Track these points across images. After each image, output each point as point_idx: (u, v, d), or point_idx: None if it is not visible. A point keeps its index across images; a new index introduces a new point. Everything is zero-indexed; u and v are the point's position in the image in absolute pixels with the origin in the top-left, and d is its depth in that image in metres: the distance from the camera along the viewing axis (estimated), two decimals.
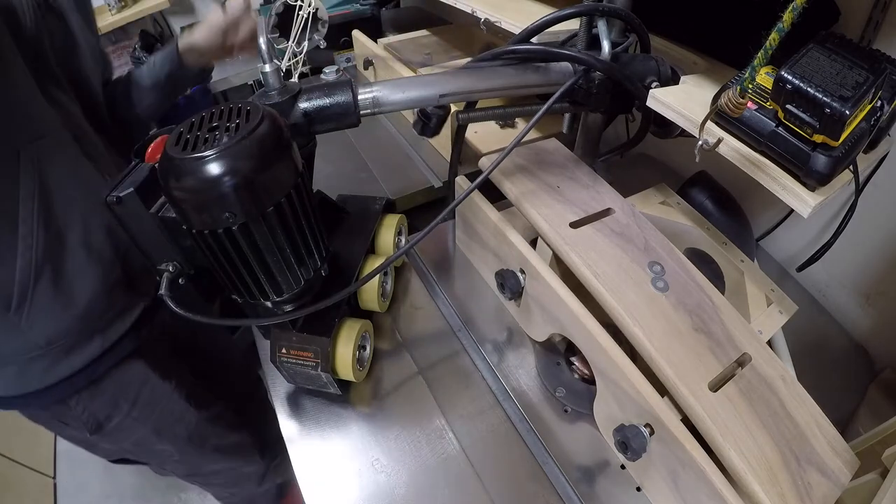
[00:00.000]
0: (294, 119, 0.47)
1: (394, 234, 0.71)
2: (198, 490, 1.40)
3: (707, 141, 0.46)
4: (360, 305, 0.66)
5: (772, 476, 0.41)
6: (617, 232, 0.58)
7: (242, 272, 0.44)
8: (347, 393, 0.60)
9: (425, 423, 0.58)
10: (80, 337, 0.64)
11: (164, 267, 0.46)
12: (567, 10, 0.55)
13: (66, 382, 0.65)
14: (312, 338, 0.54)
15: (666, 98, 0.53)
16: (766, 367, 0.49)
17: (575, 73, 0.56)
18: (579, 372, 0.61)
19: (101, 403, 0.70)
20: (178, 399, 0.80)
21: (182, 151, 0.38)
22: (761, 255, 0.85)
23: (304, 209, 0.45)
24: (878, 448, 0.47)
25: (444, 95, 0.52)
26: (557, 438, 0.56)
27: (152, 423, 0.77)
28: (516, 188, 0.62)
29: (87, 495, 1.41)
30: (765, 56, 0.35)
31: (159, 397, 0.77)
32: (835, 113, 0.40)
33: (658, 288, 0.52)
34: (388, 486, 0.52)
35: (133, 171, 0.44)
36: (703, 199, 0.74)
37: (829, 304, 0.79)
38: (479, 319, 0.68)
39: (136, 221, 0.43)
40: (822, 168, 0.43)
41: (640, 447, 0.47)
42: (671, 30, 0.69)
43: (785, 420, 0.46)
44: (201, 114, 0.42)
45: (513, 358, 0.64)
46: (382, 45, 1.15)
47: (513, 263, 0.62)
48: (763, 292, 0.63)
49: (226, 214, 0.39)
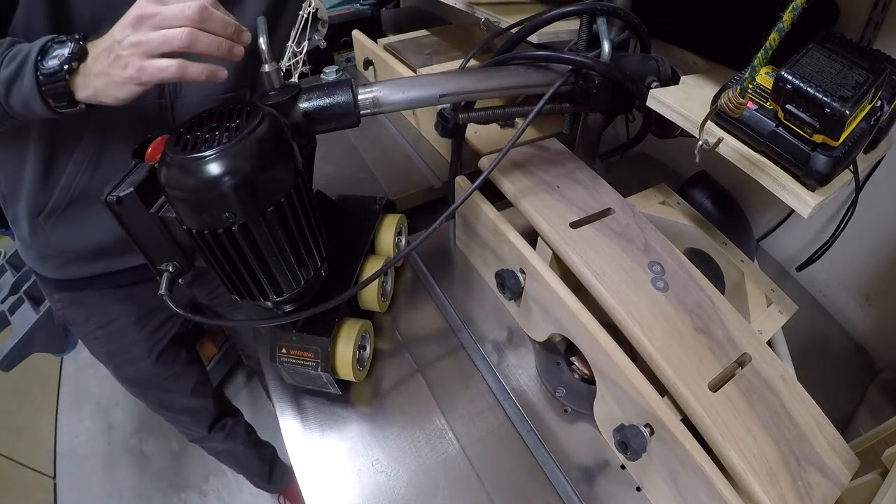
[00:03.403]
0: (294, 119, 0.47)
1: (394, 234, 0.71)
2: (198, 490, 1.40)
3: (707, 141, 0.46)
4: (360, 305, 0.66)
5: (772, 476, 0.41)
6: (617, 232, 0.58)
7: (242, 272, 0.44)
8: (347, 393, 0.60)
9: (425, 423, 0.58)
10: (90, 258, 0.70)
11: (164, 267, 0.46)
12: (566, 8, 0.55)
13: (62, 282, 0.73)
14: (312, 338, 0.54)
15: (666, 98, 0.53)
16: (766, 367, 0.49)
17: (569, 73, 0.56)
18: (579, 372, 0.61)
19: (74, 311, 0.78)
20: (142, 348, 0.83)
21: (182, 151, 0.38)
22: (761, 255, 0.85)
23: (304, 209, 0.45)
24: (878, 448, 0.47)
25: (444, 95, 0.52)
26: (557, 438, 0.56)
27: (108, 349, 0.83)
28: (516, 188, 0.62)
29: (87, 495, 1.41)
30: (765, 56, 0.35)
31: (124, 335, 0.81)
32: (835, 113, 0.40)
33: (658, 288, 0.52)
34: (388, 486, 0.52)
35: (133, 171, 0.44)
36: (703, 199, 0.74)
37: (829, 304, 0.79)
38: (478, 319, 0.68)
39: (136, 221, 0.43)
40: (822, 168, 0.43)
41: (640, 447, 0.47)
42: (671, 32, 0.69)
43: (785, 420, 0.46)
44: (201, 114, 0.42)
45: (513, 358, 0.64)
46: (382, 45, 1.15)
47: (513, 263, 0.62)
48: (763, 292, 0.63)
49: (226, 214, 0.39)
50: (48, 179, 0.60)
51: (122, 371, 0.86)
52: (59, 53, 0.42)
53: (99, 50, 0.43)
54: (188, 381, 0.95)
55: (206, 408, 1.01)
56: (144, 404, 0.95)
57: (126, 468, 1.46)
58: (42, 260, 0.70)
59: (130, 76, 0.42)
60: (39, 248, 0.68)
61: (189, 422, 1.01)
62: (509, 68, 0.57)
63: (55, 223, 0.64)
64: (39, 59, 0.42)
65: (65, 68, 0.42)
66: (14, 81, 0.43)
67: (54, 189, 0.61)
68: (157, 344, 0.85)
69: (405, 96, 0.50)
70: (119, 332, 0.81)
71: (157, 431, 1.54)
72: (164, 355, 0.86)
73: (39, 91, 0.43)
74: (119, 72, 0.42)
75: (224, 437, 1.08)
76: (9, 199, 0.65)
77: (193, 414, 1.00)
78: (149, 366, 0.85)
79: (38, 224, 0.64)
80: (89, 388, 1.67)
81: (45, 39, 0.43)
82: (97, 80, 0.43)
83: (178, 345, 0.90)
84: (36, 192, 0.61)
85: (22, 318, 1.05)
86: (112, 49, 0.42)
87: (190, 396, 0.96)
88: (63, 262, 0.70)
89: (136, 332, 0.81)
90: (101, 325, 0.79)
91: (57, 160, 0.59)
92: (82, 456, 1.50)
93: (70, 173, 0.60)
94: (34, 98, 0.43)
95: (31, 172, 0.60)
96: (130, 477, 1.44)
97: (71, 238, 0.66)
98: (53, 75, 0.42)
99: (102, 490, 1.42)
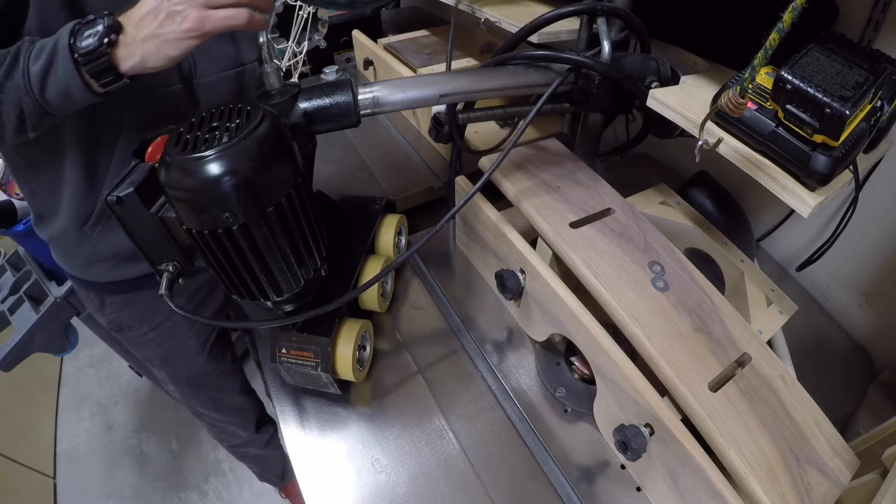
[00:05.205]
0: (294, 119, 0.47)
1: (394, 234, 0.71)
2: (198, 490, 1.40)
3: (707, 141, 0.46)
4: (360, 305, 0.66)
5: (772, 476, 0.41)
6: (617, 232, 0.58)
7: (242, 272, 0.44)
8: (347, 393, 0.60)
9: (425, 423, 0.58)
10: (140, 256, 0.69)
11: (164, 267, 0.46)
12: (566, 8, 0.55)
13: (114, 285, 0.72)
14: (312, 338, 0.54)
15: (666, 98, 0.53)
16: (766, 367, 0.49)
17: (568, 72, 0.56)
18: (579, 372, 0.61)
19: (127, 314, 0.77)
20: (194, 343, 0.84)
21: (182, 151, 0.38)
22: (761, 255, 0.85)
23: (304, 209, 0.45)
24: (878, 448, 0.47)
25: (444, 95, 0.52)
26: (557, 438, 0.56)
27: (162, 350, 0.82)
28: (516, 188, 0.62)
29: (87, 495, 1.41)
30: (765, 56, 0.35)
31: (178, 334, 0.81)
32: (835, 113, 0.40)
33: (658, 288, 0.52)
34: (388, 486, 0.52)
35: (133, 171, 0.44)
36: (703, 199, 0.74)
37: (829, 304, 0.79)
38: (479, 319, 0.68)
39: (136, 221, 0.43)
40: (822, 168, 0.43)
41: (640, 447, 0.47)
42: (671, 32, 0.69)
43: (785, 420, 0.46)
44: (201, 113, 0.42)
45: (513, 358, 0.64)
46: (382, 45, 1.15)
47: (513, 263, 0.62)
48: (763, 292, 0.63)
49: (226, 215, 0.39)
50: (91, 189, 0.60)
51: (177, 372, 0.86)
52: (92, 31, 0.42)
53: (140, 15, 0.42)
54: (237, 378, 0.96)
55: (253, 406, 1.03)
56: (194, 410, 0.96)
57: (126, 468, 1.46)
58: (90, 266, 0.70)
59: (189, 28, 0.41)
60: (86, 255, 0.68)
61: (238, 421, 1.01)
62: (509, 68, 0.57)
63: (102, 230, 0.64)
64: (73, 42, 0.42)
65: (104, 41, 0.41)
66: (48, 72, 0.42)
67: (97, 198, 0.61)
68: (208, 340, 0.86)
69: (405, 96, 0.50)
70: (172, 331, 0.81)
71: (157, 431, 1.54)
72: (214, 351, 0.87)
73: (79, 73, 0.42)
74: (174, 27, 0.41)
75: (265, 443, 1.09)
76: (46, 218, 0.65)
77: (242, 413, 1.01)
78: (202, 363, 0.86)
79: (85, 234, 0.64)
80: (89, 388, 1.67)
81: (71, 24, 0.42)
82: (145, 45, 0.42)
83: (224, 342, 0.91)
84: (79, 204, 0.61)
85: (22, 318, 1.05)
86: (160, 8, 0.42)
87: (239, 394, 0.97)
88: (113, 265, 0.69)
89: (188, 329, 0.82)
90: (154, 327, 0.79)
91: (97, 168, 0.59)
92: (82, 456, 1.50)
93: (112, 176, 0.60)
94: (74, 82, 0.42)
95: (73, 186, 0.60)
96: (130, 477, 1.44)
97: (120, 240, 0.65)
98: (93, 52, 0.41)
99: (102, 490, 1.42)
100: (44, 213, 0.65)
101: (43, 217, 0.65)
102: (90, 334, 1.21)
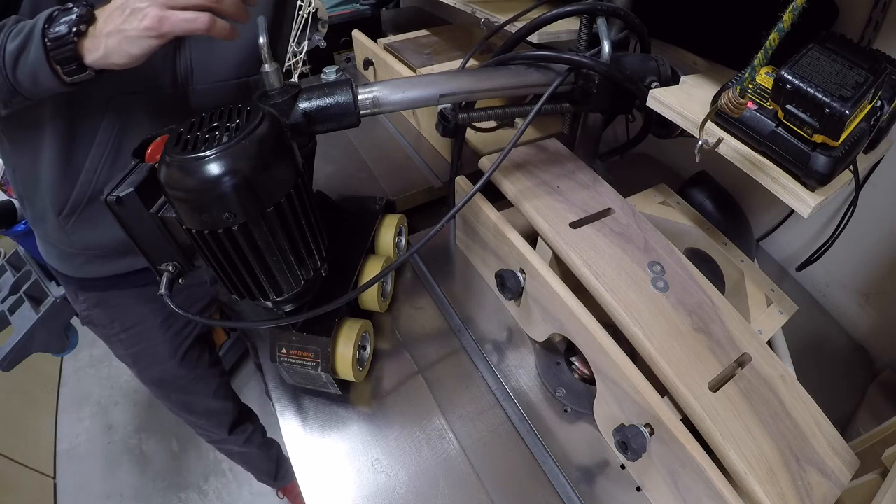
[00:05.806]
0: (294, 119, 0.47)
1: (394, 234, 0.71)
2: (198, 490, 1.40)
3: (707, 141, 0.46)
4: (360, 305, 0.66)
5: (772, 476, 0.41)
6: (617, 232, 0.58)
7: (242, 272, 0.44)
8: (347, 393, 0.60)
9: (425, 423, 0.58)
10: (112, 255, 0.69)
11: (164, 267, 0.46)
12: (566, 8, 0.55)
13: (86, 281, 0.72)
14: (312, 338, 0.54)
15: (666, 98, 0.53)
16: (766, 367, 0.49)
17: (568, 72, 0.56)
18: (579, 372, 0.61)
19: (98, 313, 0.77)
20: (167, 348, 0.82)
21: (182, 151, 0.38)
22: (761, 255, 0.85)
23: (304, 209, 0.45)
24: (878, 448, 0.47)
25: (445, 95, 0.52)
26: (557, 438, 0.56)
27: (133, 352, 0.82)
28: (516, 188, 0.62)
29: (87, 495, 1.41)
30: (765, 56, 0.35)
31: (150, 338, 0.80)
32: (835, 113, 0.40)
33: (658, 288, 0.52)
34: (388, 486, 0.52)
35: (133, 171, 0.44)
36: (703, 199, 0.74)
37: (829, 304, 0.79)
38: (478, 319, 0.68)
39: (136, 221, 0.43)
40: (822, 168, 0.43)
41: (640, 447, 0.47)
42: (671, 32, 0.69)
43: (785, 420, 0.46)
44: (201, 114, 0.42)
45: (513, 358, 0.64)
46: (382, 45, 1.15)
47: (513, 263, 0.62)
48: (763, 292, 0.63)
49: (226, 215, 0.39)
50: (66, 177, 0.60)
51: (147, 373, 0.86)
52: (66, 19, 0.42)
53: (111, 9, 0.42)
54: (211, 383, 0.94)
55: (227, 410, 1.01)
56: (166, 407, 0.95)
57: (126, 468, 1.46)
58: (65, 259, 0.70)
59: (147, 27, 0.41)
60: (62, 246, 0.68)
61: (209, 424, 1.01)
62: (509, 68, 0.57)
63: (76, 221, 0.64)
64: (46, 27, 0.42)
65: (73, 31, 0.41)
66: (21, 53, 0.43)
67: (73, 186, 0.61)
68: (182, 345, 0.84)
69: (405, 96, 0.50)
70: (144, 335, 0.80)
71: (157, 431, 1.54)
72: (188, 356, 0.86)
73: (48, 59, 0.42)
74: (135, 24, 0.41)
75: (243, 442, 1.08)
76: (26, 200, 0.65)
77: (214, 416, 1.00)
78: (174, 367, 0.85)
79: (59, 223, 0.64)
80: (89, 388, 1.68)
81: (50, 9, 0.43)
82: (109, 39, 0.42)
83: (202, 346, 0.89)
84: (55, 191, 0.61)
85: (22, 318, 1.05)
86: (126, 4, 0.42)
87: (212, 398, 0.96)
88: (86, 261, 0.69)
89: (161, 334, 0.81)
90: (125, 328, 0.78)
91: (74, 156, 0.59)
92: (82, 456, 1.50)
93: (88, 169, 0.60)
94: (42, 67, 0.42)
95: (49, 171, 0.59)
96: (130, 477, 1.44)
97: (92, 235, 0.66)
98: (61, 39, 0.42)
99: (102, 490, 1.42)
100: (24, 195, 0.65)
101: (23, 199, 0.65)
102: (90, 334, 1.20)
